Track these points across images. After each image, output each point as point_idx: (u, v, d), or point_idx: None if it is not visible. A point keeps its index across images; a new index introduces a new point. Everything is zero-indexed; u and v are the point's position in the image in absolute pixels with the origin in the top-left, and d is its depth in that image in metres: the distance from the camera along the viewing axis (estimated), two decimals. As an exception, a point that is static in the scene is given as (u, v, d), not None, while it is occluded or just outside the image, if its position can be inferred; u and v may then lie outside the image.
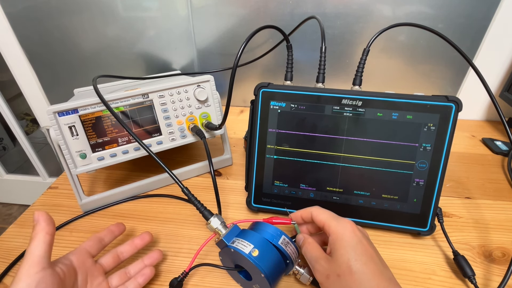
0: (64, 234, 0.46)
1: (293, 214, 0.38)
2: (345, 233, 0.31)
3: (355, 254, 0.29)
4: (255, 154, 0.45)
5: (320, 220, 0.34)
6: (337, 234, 0.31)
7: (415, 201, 0.41)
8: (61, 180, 0.57)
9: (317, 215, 0.34)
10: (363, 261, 0.29)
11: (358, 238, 0.31)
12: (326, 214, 0.34)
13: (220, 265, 0.37)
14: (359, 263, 0.29)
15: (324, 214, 0.34)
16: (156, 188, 0.54)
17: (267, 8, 0.69)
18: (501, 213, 0.48)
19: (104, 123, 0.45)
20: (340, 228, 0.31)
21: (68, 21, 0.75)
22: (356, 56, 0.72)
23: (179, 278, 0.36)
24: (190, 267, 0.36)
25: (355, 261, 0.29)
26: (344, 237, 0.31)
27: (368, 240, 0.32)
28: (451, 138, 0.39)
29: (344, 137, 0.42)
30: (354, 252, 0.29)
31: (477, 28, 0.66)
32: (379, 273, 0.28)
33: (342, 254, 0.29)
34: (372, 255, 0.30)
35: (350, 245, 0.30)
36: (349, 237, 0.30)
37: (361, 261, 0.29)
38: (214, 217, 0.36)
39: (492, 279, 0.38)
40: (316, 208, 0.36)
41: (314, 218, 0.35)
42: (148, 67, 0.81)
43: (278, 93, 0.43)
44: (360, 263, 0.29)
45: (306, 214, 0.36)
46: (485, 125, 0.75)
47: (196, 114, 0.51)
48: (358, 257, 0.29)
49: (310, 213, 0.35)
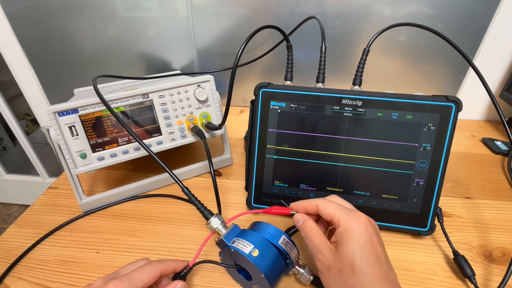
0: (64, 234, 0.46)
1: (294, 204, 0.35)
2: (355, 228, 0.29)
3: (361, 253, 0.28)
4: (255, 154, 0.45)
5: (328, 213, 0.31)
6: (347, 227, 0.29)
7: (415, 201, 0.41)
8: (61, 180, 0.57)
9: (324, 207, 0.31)
10: (369, 262, 0.27)
11: (369, 235, 0.28)
12: (335, 206, 0.31)
13: (219, 263, 0.37)
14: (365, 263, 0.27)
15: (333, 206, 0.31)
16: (156, 188, 0.54)
17: (267, 8, 0.69)
18: (501, 213, 0.48)
19: (104, 123, 0.45)
20: (352, 222, 0.29)
21: (68, 21, 0.75)
22: (356, 56, 0.72)
23: (183, 273, 0.35)
24: (194, 262, 0.36)
25: (360, 260, 0.27)
26: (354, 232, 0.28)
27: (379, 237, 0.30)
28: (451, 138, 0.39)
29: (344, 137, 0.42)
30: (361, 251, 0.28)
31: (477, 28, 0.66)
32: (383, 276, 0.27)
33: (349, 251, 0.28)
34: (379, 256, 0.28)
35: (359, 242, 0.28)
36: (359, 233, 0.28)
37: (367, 261, 0.27)
38: (214, 217, 0.36)
39: (492, 279, 0.38)
40: (323, 200, 0.33)
41: (321, 211, 0.32)
42: (148, 67, 0.81)
43: (278, 93, 0.43)
44: (365, 263, 0.27)
45: (311, 206, 0.33)
46: (485, 125, 0.75)
47: (196, 114, 0.51)
48: (365, 257, 0.27)
49: (316, 205, 0.32)
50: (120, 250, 0.43)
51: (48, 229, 0.46)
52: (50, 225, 0.47)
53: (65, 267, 0.41)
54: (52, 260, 0.42)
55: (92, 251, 0.43)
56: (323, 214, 0.32)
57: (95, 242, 0.44)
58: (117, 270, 0.33)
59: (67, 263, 0.41)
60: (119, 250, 0.43)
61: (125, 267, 0.33)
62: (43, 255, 0.43)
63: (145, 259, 0.34)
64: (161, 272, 0.32)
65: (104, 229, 0.46)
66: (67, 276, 0.39)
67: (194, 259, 0.36)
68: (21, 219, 0.49)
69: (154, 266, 0.32)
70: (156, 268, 0.32)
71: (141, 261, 0.34)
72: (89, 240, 0.44)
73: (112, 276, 0.31)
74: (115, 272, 0.33)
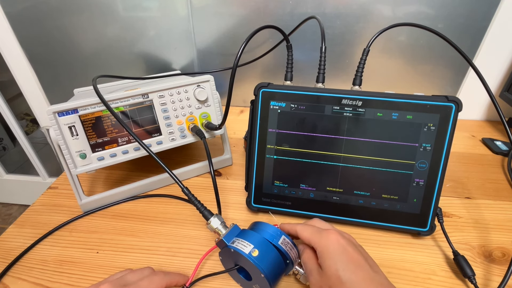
0: (64, 234, 0.46)
1: (282, 225, 0.38)
2: (328, 245, 0.31)
3: (341, 263, 0.29)
4: (255, 154, 0.45)
5: (305, 237, 0.34)
6: (322, 247, 0.31)
7: (415, 201, 0.41)
8: (61, 180, 0.57)
9: (301, 232, 0.35)
10: (351, 270, 0.29)
11: (343, 247, 0.31)
12: (309, 229, 0.34)
13: (218, 271, 0.37)
14: (348, 272, 0.29)
15: (307, 231, 0.34)
16: (156, 188, 0.54)
17: (267, 8, 0.69)
18: (501, 213, 0.48)
19: (104, 123, 0.45)
20: (324, 241, 0.32)
21: (68, 21, 0.75)
22: (356, 56, 0.72)
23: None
24: (190, 282, 0.37)
25: (343, 271, 0.29)
26: (328, 249, 0.31)
27: (354, 246, 0.32)
28: (451, 138, 0.39)
29: (344, 137, 0.42)
30: (340, 262, 0.29)
31: (477, 28, 0.66)
32: (370, 280, 0.29)
33: (330, 266, 0.30)
34: (360, 262, 0.30)
35: (336, 255, 0.30)
36: (333, 248, 0.31)
37: (349, 270, 0.29)
38: (214, 217, 0.36)
39: (492, 279, 0.38)
40: (301, 225, 0.36)
41: (300, 236, 0.35)
42: (148, 67, 0.81)
43: (278, 93, 0.43)
44: (348, 272, 0.29)
45: (292, 231, 0.36)
46: (485, 125, 0.75)
47: (196, 114, 0.51)
48: (346, 266, 0.29)
49: (295, 230, 0.35)
50: (120, 250, 0.43)
51: (48, 229, 0.46)
52: (50, 225, 0.47)
53: (64, 267, 0.41)
54: (52, 260, 0.42)
55: (91, 251, 0.43)
56: (302, 238, 0.35)
57: (94, 242, 0.44)
58: (122, 276, 0.33)
59: (67, 263, 0.41)
60: (119, 250, 0.43)
61: (130, 274, 0.34)
62: (42, 255, 0.43)
63: (149, 268, 0.36)
64: (166, 284, 0.34)
65: (104, 229, 0.46)
66: (67, 276, 0.39)
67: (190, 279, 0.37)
68: (21, 219, 0.49)
69: (160, 278, 0.34)
70: (162, 280, 0.34)
71: (146, 270, 0.35)
72: (88, 240, 0.44)
73: (119, 283, 0.32)
74: (120, 278, 0.33)
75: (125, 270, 0.36)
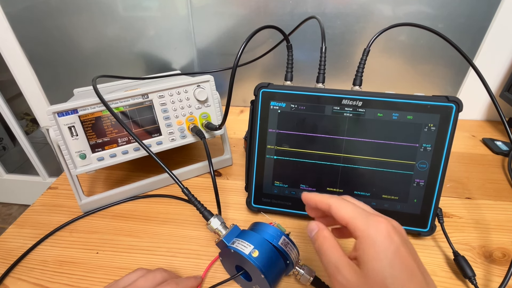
0: (64, 234, 0.46)
1: (306, 194, 0.30)
2: (377, 238, 0.23)
3: (392, 270, 0.22)
4: (255, 155, 0.45)
5: (342, 217, 0.26)
6: (367, 240, 0.23)
7: (415, 201, 0.41)
8: (61, 180, 0.57)
9: (338, 210, 0.26)
10: (402, 281, 0.22)
11: (396, 245, 0.23)
12: (351, 209, 0.26)
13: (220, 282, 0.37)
14: (399, 282, 0.22)
15: (348, 209, 0.26)
16: (156, 189, 0.54)
17: (267, 8, 0.69)
18: (501, 214, 0.48)
19: (103, 123, 0.45)
20: (373, 230, 0.24)
21: (68, 21, 0.75)
22: (356, 56, 0.72)
23: None
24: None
25: (392, 280, 0.22)
26: (376, 245, 0.23)
27: (407, 246, 0.24)
28: (452, 138, 0.39)
29: (344, 138, 0.42)
30: (391, 267, 0.22)
31: (477, 28, 0.66)
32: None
33: (376, 270, 0.22)
34: (413, 270, 0.23)
35: (386, 256, 0.23)
36: (383, 244, 0.23)
37: (401, 280, 0.22)
38: (214, 217, 0.36)
39: (493, 279, 0.38)
40: (337, 199, 0.27)
41: (334, 213, 0.26)
42: (148, 67, 0.81)
43: (278, 93, 0.43)
44: (399, 282, 0.22)
45: (323, 205, 0.27)
46: (485, 125, 0.75)
47: (196, 114, 0.51)
48: (397, 274, 0.22)
49: (328, 205, 0.27)
50: (120, 250, 0.43)
51: (48, 230, 0.46)
52: (50, 225, 0.47)
53: (65, 268, 0.41)
54: (52, 260, 0.42)
55: (92, 251, 0.43)
56: (337, 216, 0.26)
57: (95, 242, 0.44)
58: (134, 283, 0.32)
59: (67, 263, 0.41)
60: (119, 250, 0.43)
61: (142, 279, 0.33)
62: (43, 256, 0.43)
63: (160, 271, 0.35)
64: None
65: (104, 230, 0.46)
66: (67, 276, 0.39)
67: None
68: (21, 219, 0.49)
69: (175, 283, 0.33)
70: (177, 285, 0.33)
71: (158, 274, 0.34)
72: (89, 241, 0.44)
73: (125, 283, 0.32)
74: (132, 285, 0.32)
75: (137, 270, 0.35)
